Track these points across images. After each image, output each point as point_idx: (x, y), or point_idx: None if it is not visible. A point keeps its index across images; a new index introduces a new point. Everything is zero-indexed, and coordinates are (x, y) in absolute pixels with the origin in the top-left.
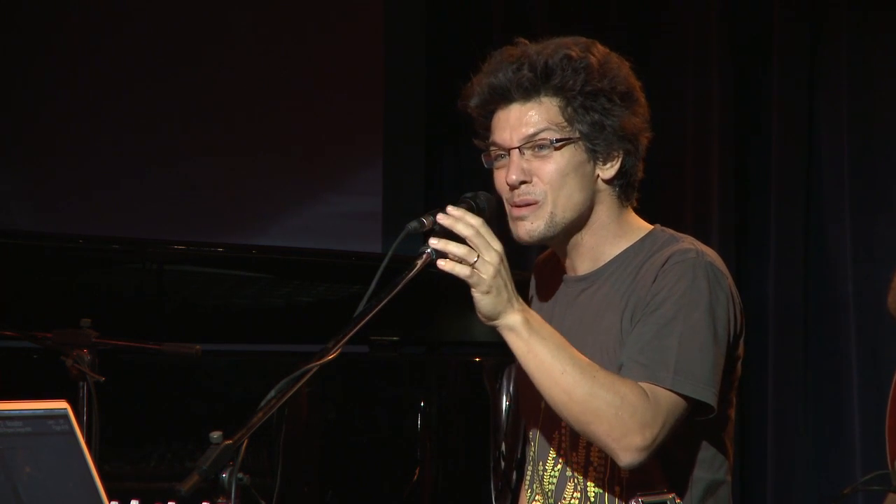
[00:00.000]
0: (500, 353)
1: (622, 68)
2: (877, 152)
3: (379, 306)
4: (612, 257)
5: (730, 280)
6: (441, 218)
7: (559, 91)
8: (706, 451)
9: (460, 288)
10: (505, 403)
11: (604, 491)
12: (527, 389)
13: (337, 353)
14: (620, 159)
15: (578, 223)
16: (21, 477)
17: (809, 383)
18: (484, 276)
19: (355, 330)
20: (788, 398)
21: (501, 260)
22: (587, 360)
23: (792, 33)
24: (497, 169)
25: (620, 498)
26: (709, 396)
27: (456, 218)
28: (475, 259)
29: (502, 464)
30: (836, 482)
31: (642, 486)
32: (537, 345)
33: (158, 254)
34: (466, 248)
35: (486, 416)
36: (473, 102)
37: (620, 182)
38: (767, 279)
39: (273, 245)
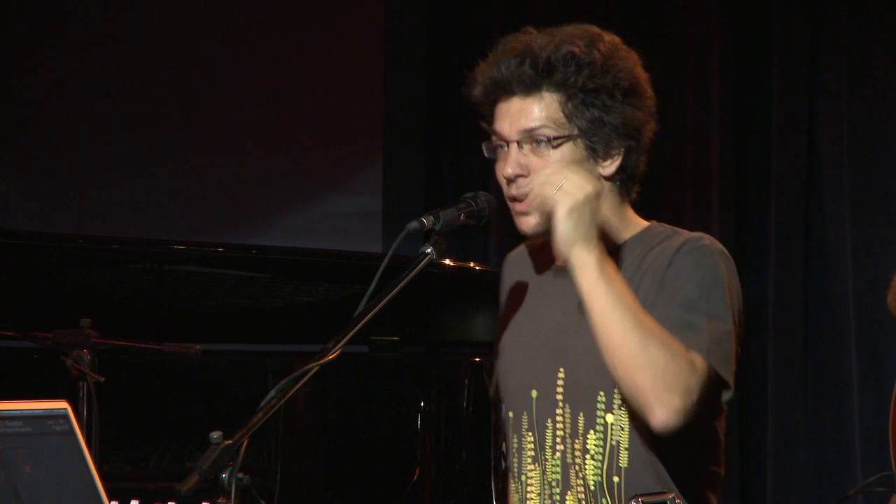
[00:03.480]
0: None
1: (628, 61)
2: (877, 152)
3: (379, 306)
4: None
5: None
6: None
7: (560, 87)
8: (706, 438)
9: (460, 288)
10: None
11: (602, 480)
12: (514, 378)
13: (337, 353)
14: (621, 156)
15: None
16: (21, 477)
17: (809, 383)
18: (569, 197)
19: (355, 330)
20: (788, 398)
21: (588, 199)
22: (647, 314)
23: (792, 33)
24: (497, 160)
25: (619, 487)
26: (730, 377)
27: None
28: (562, 182)
29: (502, 464)
30: (836, 482)
31: (640, 478)
32: (603, 286)
33: (158, 254)
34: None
35: (486, 416)
36: (476, 91)
37: (621, 177)
38: (767, 279)
39: (273, 245)
